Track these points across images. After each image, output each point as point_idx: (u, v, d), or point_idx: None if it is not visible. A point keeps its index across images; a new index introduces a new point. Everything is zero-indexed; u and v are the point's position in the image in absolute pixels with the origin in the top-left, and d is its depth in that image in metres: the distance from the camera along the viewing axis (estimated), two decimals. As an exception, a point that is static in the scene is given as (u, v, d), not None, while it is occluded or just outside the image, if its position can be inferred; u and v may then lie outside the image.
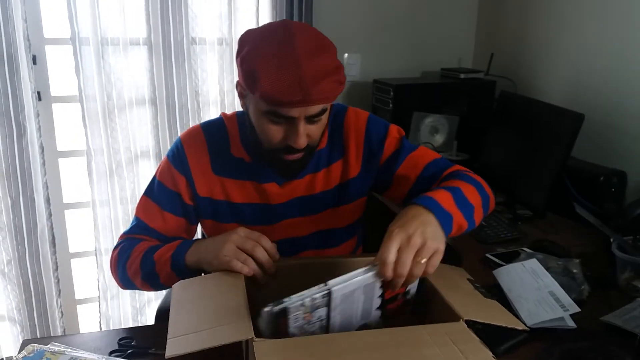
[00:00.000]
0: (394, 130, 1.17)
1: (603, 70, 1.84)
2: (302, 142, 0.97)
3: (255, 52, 0.94)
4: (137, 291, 2.10)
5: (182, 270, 1.00)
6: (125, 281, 1.11)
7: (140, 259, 1.05)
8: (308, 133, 0.99)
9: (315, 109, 0.95)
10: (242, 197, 1.13)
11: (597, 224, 1.32)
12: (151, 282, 1.06)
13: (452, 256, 1.59)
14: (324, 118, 1.02)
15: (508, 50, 2.29)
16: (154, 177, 1.16)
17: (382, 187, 1.20)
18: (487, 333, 1.03)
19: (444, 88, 2.26)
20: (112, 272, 1.15)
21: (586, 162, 1.77)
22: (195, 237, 1.24)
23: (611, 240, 1.31)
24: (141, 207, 1.15)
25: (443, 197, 0.95)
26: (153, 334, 1.11)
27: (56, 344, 1.00)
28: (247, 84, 0.95)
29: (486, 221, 1.67)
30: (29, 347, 0.95)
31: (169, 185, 1.12)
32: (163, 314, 1.33)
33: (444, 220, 0.92)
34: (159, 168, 1.16)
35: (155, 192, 1.14)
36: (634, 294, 1.21)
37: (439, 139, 2.19)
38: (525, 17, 2.21)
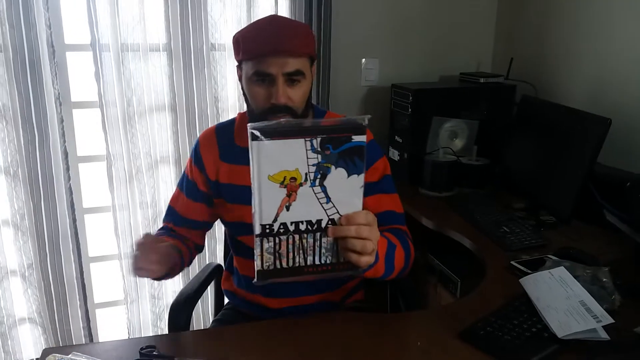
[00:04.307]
0: (384, 164, 1.30)
1: (626, 73, 1.81)
2: (282, 98, 1.13)
3: (243, 29, 1.19)
4: (156, 296, 2.10)
5: None
6: None
7: None
8: (288, 95, 1.14)
9: (291, 65, 1.12)
10: (243, 180, 1.20)
11: (628, 231, 1.29)
12: None
13: (476, 264, 1.58)
14: (304, 85, 1.16)
15: (528, 54, 2.26)
16: (183, 173, 1.37)
17: None
18: (516, 345, 1.02)
19: (463, 92, 2.23)
20: None
21: (610, 167, 1.73)
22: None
23: (641, 248, 1.28)
24: (175, 197, 1.38)
25: (383, 242, 1.08)
26: (176, 342, 1.11)
27: (77, 353, 1.00)
28: (236, 52, 1.18)
29: (509, 227, 1.65)
30: (50, 358, 0.95)
31: (189, 176, 1.34)
32: (176, 309, 1.38)
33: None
34: (186, 166, 1.38)
35: (181, 182, 1.37)
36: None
37: (458, 143, 2.16)
38: (545, 21, 2.18)
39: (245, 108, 2.01)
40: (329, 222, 0.87)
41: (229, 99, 2.06)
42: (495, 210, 1.82)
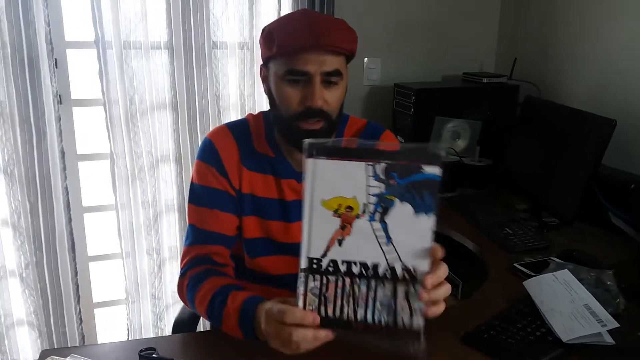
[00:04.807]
0: None
1: (631, 74, 1.79)
2: (319, 101, 1.01)
3: (272, 22, 1.07)
4: (157, 296, 2.09)
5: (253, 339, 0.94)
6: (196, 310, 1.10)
7: (207, 304, 1.02)
8: (325, 98, 1.03)
9: (330, 64, 1.01)
10: (264, 191, 1.15)
11: (632, 233, 1.28)
12: (221, 327, 1.02)
13: (477, 266, 1.56)
14: (341, 87, 1.06)
15: (531, 54, 2.24)
16: (192, 184, 1.17)
17: None
18: (520, 348, 1.01)
19: (466, 92, 2.22)
20: (181, 299, 1.14)
21: (614, 169, 1.72)
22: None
23: (646, 251, 1.27)
24: (192, 215, 1.15)
25: None
26: (175, 344, 1.09)
27: (76, 355, 0.99)
28: (267, 47, 1.04)
29: (512, 229, 1.64)
30: (48, 360, 0.94)
31: (210, 184, 1.13)
32: (180, 326, 1.31)
33: None
34: (193, 174, 1.17)
35: (198, 195, 1.15)
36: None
37: (460, 144, 2.15)
38: (549, 21, 2.16)
39: (247, 108, 2.06)
40: (388, 271, 0.71)
41: (231, 98, 2.04)
42: (497, 211, 1.81)
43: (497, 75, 2.27)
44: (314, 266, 0.74)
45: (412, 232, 0.70)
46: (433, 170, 0.69)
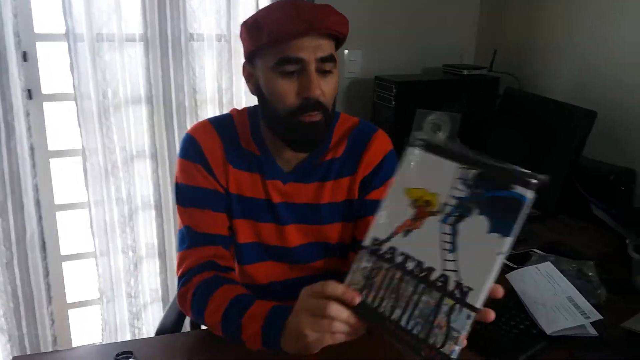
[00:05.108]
0: None
1: (610, 66, 1.80)
2: (317, 90, 0.94)
3: (256, 12, 1.01)
4: (133, 295, 2.04)
5: (277, 350, 0.85)
6: (204, 324, 1.01)
7: (222, 315, 0.93)
8: (321, 88, 0.96)
9: (324, 49, 0.95)
10: (251, 191, 1.09)
11: (613, 224, 1.28)
12: (234, 340, 0.93)
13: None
14: (335, 76, 0.99)
15: (511, 46, 2.24)
16: (178, 185, 1.08)
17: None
18: (505, 341, 1.00)
19: (446, 85, 2.21)
20: (182, 309, 1.05)
21: (594, 160, 1.73)
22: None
23: (627, 241, 1.27)
24: (184, 217, 1.07)
25: None
26: (153, 347, 1.06)
27: (48, 361, 0.95)
28: (253, 38, 0.96)
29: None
30: (21, 366, 0.89)
31: (198, 183, 1.06)
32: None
33: None
34: (177, 173, 1.09)
35: (187, 196, 1.07)
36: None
37: (441, 136, 2.13)
38: (528, 12, 2.16)
39: (224, 102, 2.02)
40: (440, 279, 0.66)
41: (208, 91, 2.00)
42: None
43: (477, 67, 2.27)
44: (374, 247, 0.71)
45: (479, 249, 0.64)
46: (524, 192, 0.63)
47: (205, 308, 0.96)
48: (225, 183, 1.07)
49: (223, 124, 1.10)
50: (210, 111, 2.02)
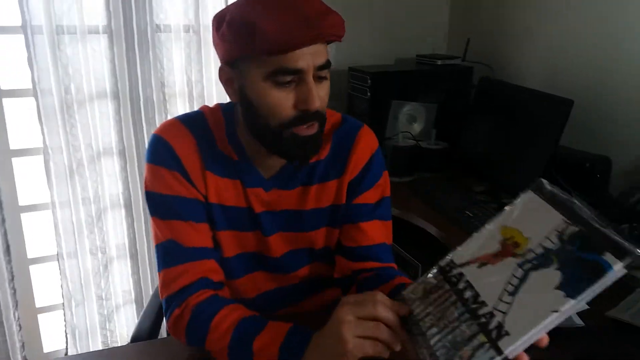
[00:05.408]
0: (384, 182, 1.06)
1: (585, 54, 1.80)
2: (317, 102, 0.85)
3: (243, 9, 0.83)
4: (104, 297, 1.97)
5: None
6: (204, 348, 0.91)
7: (229, 342, 0.84)
8: (319, 95, 0.87)
9: (322, 55, 0.85)
10: (233, 199, 0.98)
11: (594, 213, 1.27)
12: None
13: (437, 248, 1.54)
14: (329, 80, 0.90)
15: (484, 35, 2.23)
16: (151, 194, 0.95)
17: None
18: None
19: (421, 75, 2.19)
20: (173, 333, 0.93)
21: (569, 148, 1.73)
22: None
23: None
24: (164, 230, 0.94)
25: None
26: (124, 357, 1.00)
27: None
28: (244, 43, 0.82)
29: (471, 211, 1.63)
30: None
31: (176, 192, 0.93)
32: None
33: None
34: (148, 181, 0.95)
35: (164, 207, 0.94)
36: (632, 284, 1.17)
37: (417, 127, 2.12)
38: (501, 0, 2.15)
39: (195, 95, 1.95)
40: (487, 315, 0.64)
41: (177, 84, 1.93)
42: (456, 194, 1.79)
43: (450, 57, 2.25)
44: (447, 268, 0.73)
45: (537, 301, 0.61)
46: (613, 261, 0.58)
47: (206, 334, 0.86)
48: (204, 191, 0.96)
49: (196, 124, 0.97)
50: (180, 105, 1.95)
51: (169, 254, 0.93)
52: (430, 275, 0.74)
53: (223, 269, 0.99)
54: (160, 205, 0.94)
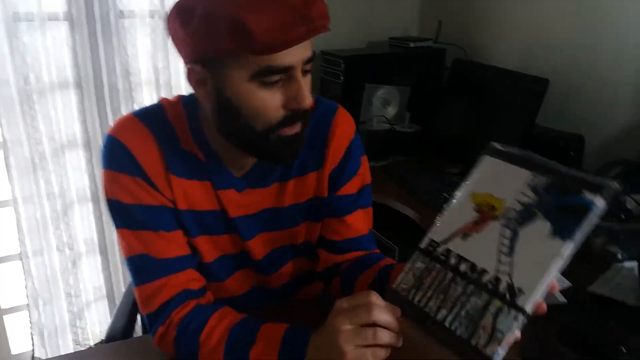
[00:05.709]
0: (365, 171, 1.01)
1: (559, 33, 1.80)
2: (308, 100, 0.78)
3: (220, 4, 0.72)
4: (74, 294, 1.90)
5: None
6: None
7: (222, 358, 0.79)
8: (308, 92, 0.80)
9: (309, 48, 0.77)
10: (203, 202, 0.90)
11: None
12: None
13: (413, 231, 1.53)
14: (311, 72, 0.83)
15: (455, 16, 2.21)
16: (112, 202, 0.86)
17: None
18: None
19: (394, 58, 2.16)
20: (163, 349, 0.88)
21: (543, 127, 1.73)
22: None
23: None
24: (133, 243, 0.86)
25: None
26: (102, 357, 0.95)
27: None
28: (222, 42, 0.72)
29: (448, 193, 1.62)
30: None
31: (141, 200, 0.85)
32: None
33: None
34: (106, 188, 0.86)
35: (130, 217, 0.85)
36: (609, 259, 1.19)
37: (391, 111, 2.10)
38: (472, -18, 2.14)
39: (161, 82, 1.88)
40: (492, 282, 0.64)
41: (142, 72, 1.86)
42: (431, 177, 1.79)
43: (423, 39, 2.23)
44: (430, 248, 0.71)
45: (537, 253, 0.63)
46: (592, 197, 0.61)
47: (196, 350, 0.81)
48: (171, 196, 0.87)
49: (155, 120, 0.87)
50: (147, 93, 1.89)
51: (143, 269, 0.86)
52: (413, 260, 0.72)
53: (205, 273, 0.93)
54: (124, 215, 0.86)
